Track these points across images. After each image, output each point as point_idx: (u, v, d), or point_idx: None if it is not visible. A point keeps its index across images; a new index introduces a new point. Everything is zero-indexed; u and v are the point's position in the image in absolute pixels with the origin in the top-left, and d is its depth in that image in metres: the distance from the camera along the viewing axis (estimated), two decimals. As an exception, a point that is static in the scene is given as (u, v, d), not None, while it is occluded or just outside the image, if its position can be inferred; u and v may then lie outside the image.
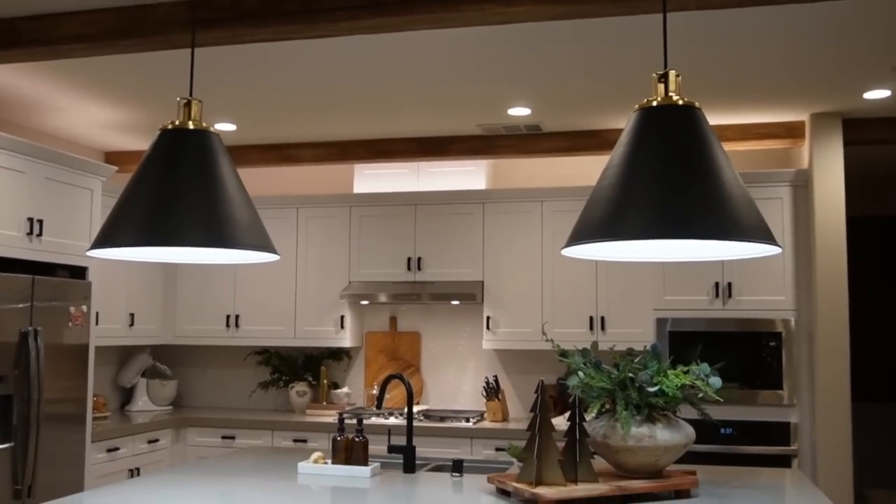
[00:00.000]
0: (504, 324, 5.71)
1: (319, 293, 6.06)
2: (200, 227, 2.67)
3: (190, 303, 6.29)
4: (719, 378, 3.14)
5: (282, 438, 5.70)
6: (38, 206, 4.65)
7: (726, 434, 5.08)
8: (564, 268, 5.64)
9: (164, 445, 5.76)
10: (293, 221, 6.15)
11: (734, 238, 2.26)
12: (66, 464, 4.76)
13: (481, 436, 5.36)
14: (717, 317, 5.19)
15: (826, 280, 5.06)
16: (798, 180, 5.22)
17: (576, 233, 2.46)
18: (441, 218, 5.88)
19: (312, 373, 6.27)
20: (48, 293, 4.64)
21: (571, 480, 3.01)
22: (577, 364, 3.21)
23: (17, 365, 4.40)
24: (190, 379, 6.67)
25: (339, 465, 3.50)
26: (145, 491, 3.11)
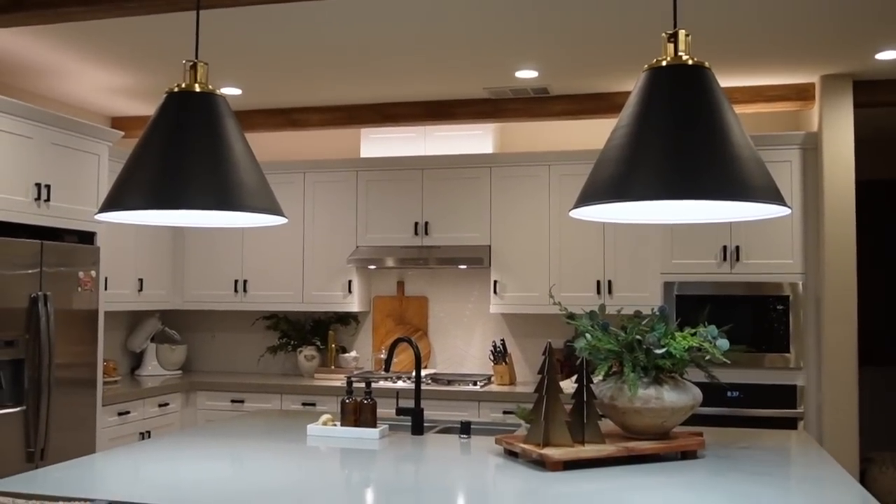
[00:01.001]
0: (511, 288, 5.72)
1: (327, 258, 6.07)
2: (208, 190, 2.67)
3: (198, 268, 6.31)
4: (727, 340, 3.14)
5: (290, 402, 5.74)
6: (45, 171, 4.65)
7: (733, 397, 5.10)
8: (572, 232, 5.63)
9: (175, 409, 5.81)
10: (300, 186, 6.15)
11: (743, 198, 2.25)
12: (78, 427, 4.81)
13: (489, 399, 5.39)
14: (724, 280, 5.18)
15: (834, 243, 5.04)
16: (807, 143, 5.19)
17: (584, 194, 2.45)
18: (448, 182, 5.86)
19: (320, 337, 6.30)
20: (57, 258, 4.65)
21: (579, 442, 3.03)
22: (585, 326, 3.22)
23: (27, 329, 4.44)
24: (199, 344, 6.71)
25: (347, 428, 3.53)
26: (156, 453, 3.14)
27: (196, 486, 2.59)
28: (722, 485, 2.65)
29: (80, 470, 2.83)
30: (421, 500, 2.44)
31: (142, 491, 2.54)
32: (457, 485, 2.65)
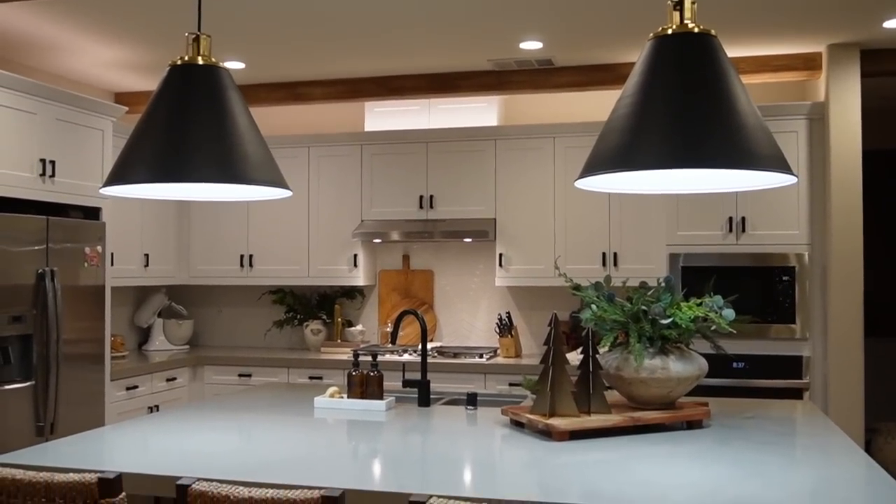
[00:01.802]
0: (516, 261, 5.72)
1: (332, 232, 6.07)
2: (212, 162, 2.67)
3: (204, 243, 6.32)
4: (732, 310, 3.14)
5: (297, 376, 5.77)
6: (49, 147, 4.64)
7: (738, 368, 5.11)
8: (577, 204, 5.62)
9: (182, 384, 5.84)
10: (304, 160, 6.14)
11: (749, 167, 2.24)
12: (87, 402, 4.84)
13: (494, 371, 5.41)
14: (730, 251, 5.18)
15: (840, 214, 5.03)
16: (814, 113, 5.16)
17: (589, 164, 2.44)
18: (453, 155, 5.85)
19: (326, 311, 6.32)
20: (63, 234, 4.66)
21: (584, 412, 3.04)
22: (591, 297, 3.22)
23: (34, 305, 4.45)
24: (205, 318, 6.73)
25: (354, 400, 3.55)
26: (165, 426, 3.16)
27: (205, 458, 2.61)
28: (728, 454, 2.66)
29: (89, 442, 2.86)
30: (428, 471, 2.46)
31: (151, 462, 2.56)
32: (463, 455, 2.66)
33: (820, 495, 2.18)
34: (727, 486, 2.27)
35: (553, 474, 2.41)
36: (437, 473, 2.42)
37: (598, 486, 2.27)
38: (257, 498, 2.09)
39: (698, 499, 2.14)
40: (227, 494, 2.11)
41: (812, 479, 2.34)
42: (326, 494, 2.06)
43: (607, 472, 2.43)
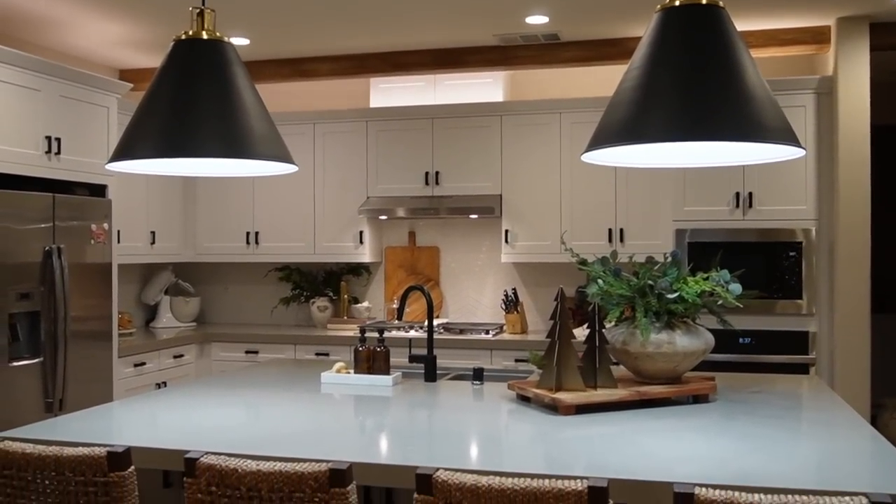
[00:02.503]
0: (522, 237, 5.71)
1: (338, 209, 6.06)
2: (217, 138, 2.66)
3: (210, 220, 6.32)
4: (739, 285, 3.13)
5: (304, 352, 5.79)
6: (54, 124, 4.64)
7: (745, 343, 5.10)
8: (583, 180, 5.60)
9: (190, 360, 5.87)
10: (310, 137, 6.12)
11: (757, 139, 2.23)
12: (95, 378, 4.87)
13: (501, 347, 5.42)
14: (737, 227, 5.16)
15: (848, 189, 5.00)
16: (822, 87, 5.12)
17: (596, 137, 2.43)
18: (458, 131, 5.83)
19: (333, 288, 6.33)
20: (69, 212, 4.67)
21: (591, 386, 3.05)
22: (597, 272, 3.21)
23: (42, 282, 4.47)
24: (212, 296, 6.75)
25: (361, 375, 3.56)
26: (173, 401, 3.18)
27: (213, 432, 2.63)
28: (734, 427, 2.67)
29: (98, 417, 2.87)
30: (434, 444, 2.47)
31: (159, 437, 2.58)
32: (470, 429, 2.67)
33: (826, 468, 2.19)
34: (733, 459, 2.27)
35: (559, 448, 2.42)
36: (443, 447, 2.43)
37: (604, 459, 2.27)
38: (265, 471, 2.10)
39: (704, 472, 2.15)
40: (235, 468, 2.13)
41: (818, 453, 2.35)
42: (334, 467, 2.07)
43: (613, 445, 2.43)
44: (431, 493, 2.00)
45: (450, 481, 1.98)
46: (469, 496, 1.96)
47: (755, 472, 2.13)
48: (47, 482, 2.30)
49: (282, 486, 2.09)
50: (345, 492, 2.06)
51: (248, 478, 2.11)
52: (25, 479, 2.32)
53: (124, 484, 2.26)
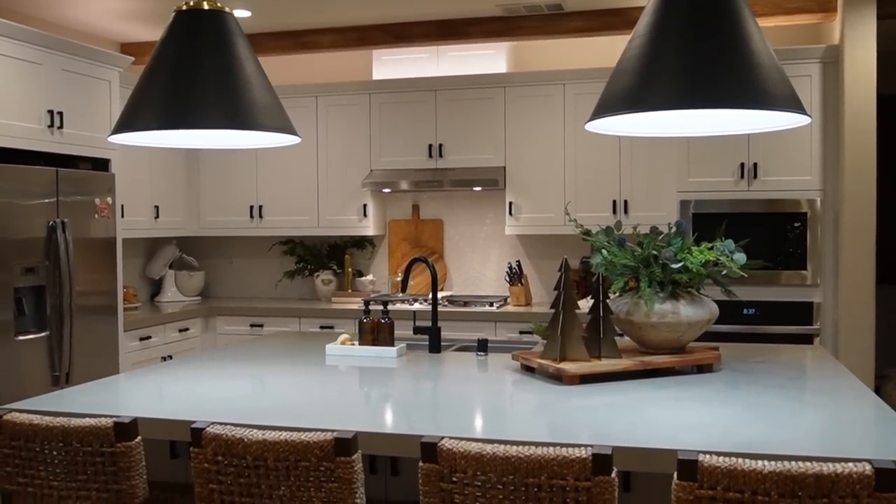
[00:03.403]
0: (526, 209, 5.70)
1: (341, 182, 6.05)
2: (219, 108, 2.65)
3: (213, 194, 6.32)
4: (743, 254, 3.13)
5: (308, 325, 5.81)
6: (56, 98, 4.62)
7: (749, 314, 5.11)
8: (587, 151, 5.58)
9: (195, 334, 5.89)
10: (313, 110, 6.10)
11: (762, 106, 2.21)
12: (101, 352, 4.89)
13: (505, 319, 5.43)
14: (741, 198, 5.14)
15: (854, 160, 4.98)
16: (828, 56, 5.08)
17: (600, 106, 2.41)
18: (462, 103, 5.80)
19: (337, 261, 6.33)
20: (73, 186, 4.67)
21: (595, 356, 3.05)
22: (601, 242, 3.21)
23: (46, 257, 4.48)
24: (217, 270, 6.76)
25: (365, 347, 3.57)
26: (179, 373, 3.19)
27: (218, 403, 2.64)
28: (738, 397, 2.67)
29: (104, 389, 2.89)
30: (439, 414, 2.48)
31: (166, 408, 2.59)
32: (474, 399, 2.68)
33: (830, 436, 2.19)
34: (737, 427, 2.28)
35: (563, 417, 2.43)
36: (448, 417, 2.44)
37: (608, 428, 2.28)
38: (271, 440, 2.11)
39: (708, 440, 2.15)
40: (241, 437, 2.14)
41: (822, 421, 2.35)
42: (339, 436, 2.08)
43: (617, 414, 2.44)
44: (436, 461, 2.01)
45: (455, 449, 1.99)
46: (474, 464, 1.97)
47: (759, 441, 2.14)
48: (55, 453, 2.32)
49: (287, 456, 2.10)
50: (350, 460, 2.08)
51: (255, 447, 2.12)
52: (33, 449, 2.33)
53: (131, 454, 2.27)
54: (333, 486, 2.09)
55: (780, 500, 1.81)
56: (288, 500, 2.13)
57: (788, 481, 1.80)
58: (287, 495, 2.13)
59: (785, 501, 1.81)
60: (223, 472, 2.17)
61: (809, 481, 1.80)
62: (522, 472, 1.94)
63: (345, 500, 2.08)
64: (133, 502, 2.28)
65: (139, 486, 2.29)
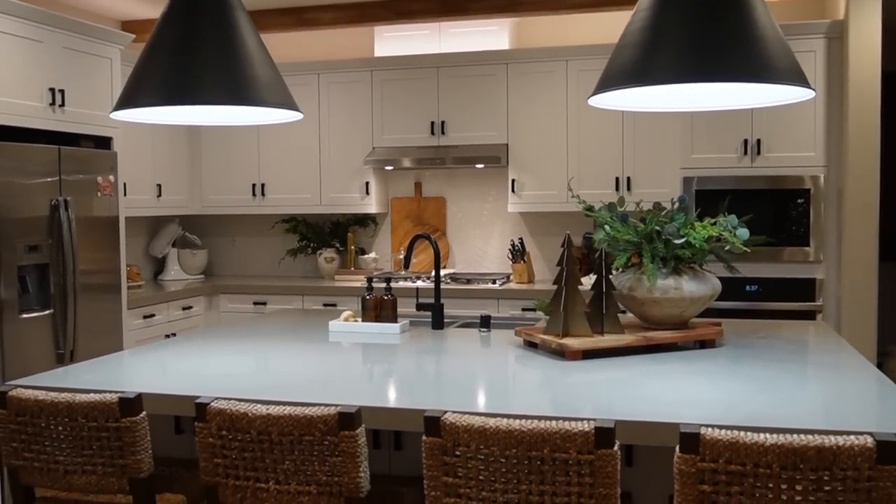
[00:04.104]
0: (529, 186, 5.69)
1: (344, 160, 6.04)
2: (221, 84, 2.64)
3: (215, 172, 6.31)
4: (746, 230, 3.12)
5: (311, 303, 5.82)
6: (58, 75, 4.61)
7: (751, 291, 5.11)
8: (590, 128, 5.57)
9: (198, 312, 5.90)
10: (314, 88, 6.08)
11: (766, 80, 2.20)
12: (105, 330, 4.90)
13: (507, 297, 5.44)
14: (745, 174, 5.13)
15: (858, 136, 4.96)
16: (832, 31, 5.05)
17: (603, 80, 2.40)
18: (464, 80, 5.78)
19: (339, 239, 6.33)
20: (75, 165, 4.66)
21: (598, 332, 3.06)
22: (604, 218, 3.20)
23: (50, 235, 4.48)
24: (219, 248, 6.77)
25: (369, 323, 3.57)
26: (183, 350, 3.20)
27: (222, 379, 2.65)
28: (740, 371, 2.68)
29: (109, 366, 2.90)
30: (442, 389, 2.49)
31: (170, 384, 2.60)
32: (477, 374, 2.69)
33: (832, 409, 2.20)
34: (739, 402, 2.28)
35: (566, 392, 2.43)
36: (451, 391, 2.45)
37: (611, 402, 2.29)
38: (275, 415, 2.12)
39: (710, 414, 2.16)
40: (245, 412, 2.15)
41: (824, 394, 2.36)
42: (343, 411, 2.09)
43: (620, 389, 2.45)
44: (440, 434, 2.02)
45: (458, 423, 2.00)
46: (477, 437, 1.98)
47: (762, 414, 2.14)
48: (60, 428, 2.33)
49: (291, 430, 2.11)
50: (354, 434, 2.09)
51: (259, 422, 2.13)
52: (39, 425, 2.35)
53: (136, 429, 2.28)
54: (337, 460, 2.10)
55: (782, 473, 1.82)
56: (292, 474, 2.14)
57: (790, 454, 1.81)
58: (291, 469, 2.14)
59: (786, 474, 1.82)
60: (228, 447, 2.19)
61: (811, 454, 1.80)
62: (525, 446, 1.95)
63: (348, 474, 2.10)
64: (138, 477, 2.30)
65: (144, 460, 2.30)
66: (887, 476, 1.79)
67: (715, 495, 1.86)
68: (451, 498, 2.03)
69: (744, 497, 1.85)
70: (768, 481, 1.83)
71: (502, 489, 1.98)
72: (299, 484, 2.14)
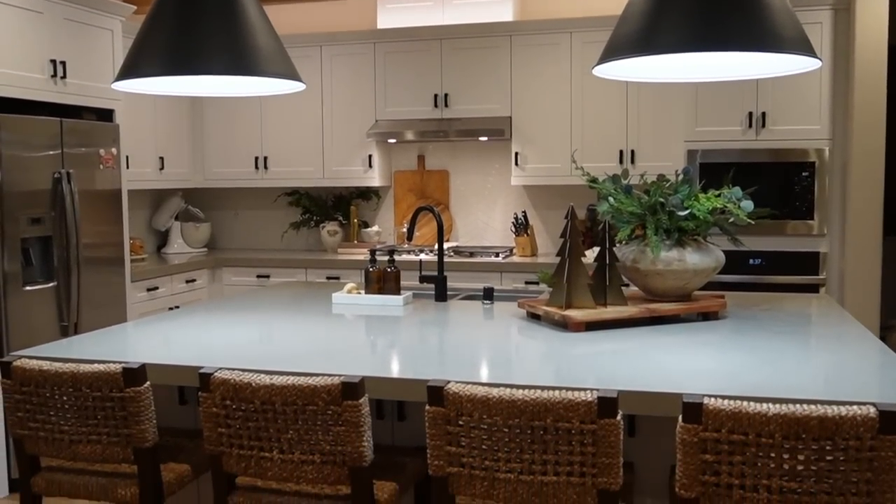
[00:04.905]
0: (532, 159, 5.67)
1: (346, 133, 6.02)
2: (223, 54, 2.62)
3: (218, 145, 6.30)
4: (751, 201, 3.11)
5: (315, 276, 5.82)
6: (59, 47, 4.59)
7: (755, 264, 5.10)
8: (594, 100, 5.54)
9: (202, 285, 5.91)
10: (317, 60, 6.05)
11: (772, 49, 2.18)
12: (109, 303, 4.91)
13: (510, 270, 5.43)
14: (749, 147, 5.11)
15: (863, 109, 4.93)
16: (839, 3, 5.00)
17: (607, 50, 2.38)
18: (467, 52, 5.74)
19: (342, 213, 6.33)
20: (77, 137, 4.65)
21: (601, 304, 3.06)
22: (608, 190, 3.19)
23: (52, 208, 4.48)
24: (223, 221, 6.76)
25: (372, 295, 3.58)
26: (186, 321, 3.21)
27: (226, 350, 2.66)
28: (743, 343, 2.68)
29: (113, 337, 2.90)
30: (445, 360, 2.49)
31: (174, 354, 2.61)
32: (480, 346, 2.69)
33: (834, 380, 2.20)
34: (742, 372, 2.29)
35: (569, 363, 2.44)
36: (454, 362, 2.45)
37: (614, 373, 2.29)
38: (279, 385, 2.13)
39: (714, 384, 2.16)
40: (248, 382, 2.16)
41: (827, 365, 2.36)
42: (346, 381, 2.09)
43: (623, 360, 2.45)
44: (443, 404, 2.02)
45: (461, 393, 2.00)
46: (480, 407, 1.98)
47: (764, 385, 2.15)
48: (65, 398, 2.34)
49: (295, 400, 2.12)
50: (357, 404, 2.09)
51: (262, 391, 2.14)
52: (44, 395, 2.36)
53: (140, 399, 2.29)
54: (341, 430, 2.11)
55: (784, 443, 1.83)
56: (296, 444, 2.15)
57: (793, 424, 1.81)
58: (295, 439, 2.15)
59: (789, 444, 1.83)
60: (231, 417, 2.20)
61: (814, 424, 1.81)
62: (528, 415, 1.95)
63: (352, 444, 2.11)
64: (143, 446, 2.31)
65: (148, 430, 2.31)
66: (889, 446, 1.80)
67: (717, 465, 1.87)
68: (454, 467, 2.04)
69: (746, 466, 1.85)
70: (770, 451, 1.84)
71: (505, 458, 1.99)
72: (303, 453, 2.15)
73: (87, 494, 2.40)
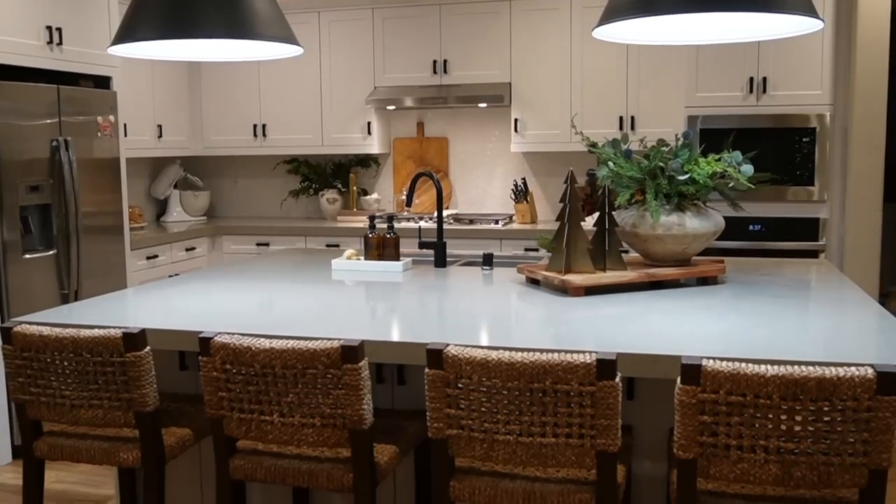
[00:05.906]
0: (532, 126, 5.65)
1: (345, 100, 5.99)
2: (221, 17, 2.60)
3: (216, 113, 6.27)
4: (751, 166, 3.10)
5: (314, 244, 5.83)
6: (55, 13, 4.55)
7: (755, 230, 5.10)
8: (594, 66, 5.50)
9: (202, 253, 5.91)
10: (315, 27, 6.00)
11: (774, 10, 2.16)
12: (108, 271, 4.92)
13: (510, 237, 5.43)
14: (750, 113, 5.08)
15: (865, 74, 4.89)
16: (842, -34, 4.96)
17: (608, 11, 2.36)
18: (466, 18, 5.69)
19: (342, 180, 6.31)
20: (74, 105, 4.62)
21: (600, 269, 3.06)
22: (608, 154, 3.18)
23: (51, 175, 4.46)
24: (221, 189, 6.75)
25: (371, 261, 3.58)
26: (186, 288, 3.21)
27: (226, 316, 2.66)
28: (742, 307, 2.68)
29: (113, 303, 2.91)
30: (445, 324, 2.49)
31: (174, 320, 2.61)
32: (480, 310, 2.70)
33: (833, 342, 2.21)
34: (741, 335, 2.29)
35: (568, 327, 2.44)
36: (453, 327, 2.46)
37: (613, 337, 2.30)
38: (278, 348, 2.14)
39: (712, 348, 2.17)
40: (248, 346, 2.16)
41: (826, 328, 2.36)
42: (346, 344, 2.10)
43: (622, 324, 2.45)
44: (442, 367, 2.03)
45: (460, 356, 2.01)
46: (479, 369, 1.99)
47: (763, 347, 2.15)
48: (66, 363, 2.35)
49: (295, 363, 2.13)
50: (357, 367, 2.10)
51: (262, 355, 2.15)
52: (44, 360, 2.36)
53: (141, 363, 2.30)
54: (341, 393, 2.12)
55: (782, 403, 1.83)
56: (296, 407, 2.16)
57: (791, 384, 1.82)
58: (295, 402, 2.16)
59: (786, 404, 1.83)
60: (232, 381, 2.20)
61: (811, 384, 1.81)
62: (527, 378, 1.96)
63: (352, 407, 2.12)
64: (144, 410, 2.32)
65: (149, 394, 2.33)
66: (886, 406, 1.81)
67: (715, 426, 1.88)
68: (453, 430, 2.05)
69: (743, 427, 1.86)
70: (768, 412, 1.84)
71: (504, 420, 2.00)
72: (303, 416, 2.17)
73: (90, 459, 2.42)
